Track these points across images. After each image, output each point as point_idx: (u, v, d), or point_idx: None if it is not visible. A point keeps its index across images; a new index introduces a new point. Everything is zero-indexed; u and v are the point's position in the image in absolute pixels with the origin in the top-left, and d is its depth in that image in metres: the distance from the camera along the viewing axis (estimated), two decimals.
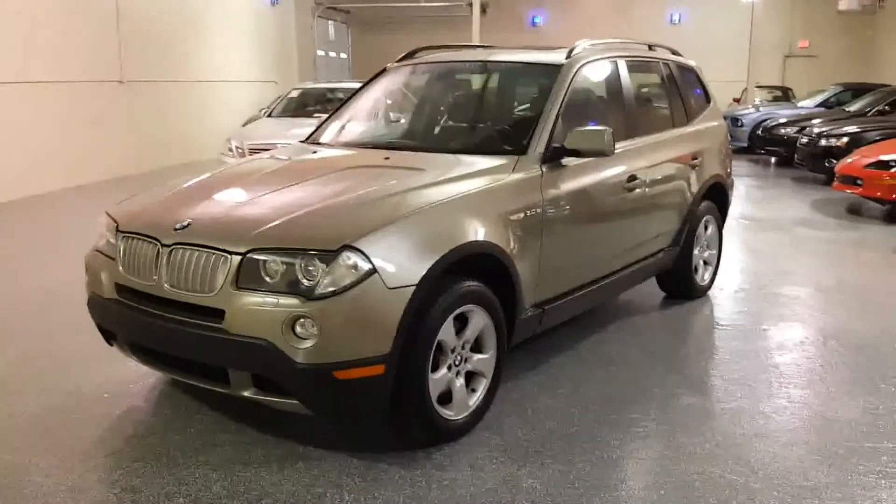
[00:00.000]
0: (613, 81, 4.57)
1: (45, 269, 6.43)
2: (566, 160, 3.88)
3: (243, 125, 13.73)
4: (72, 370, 4.15)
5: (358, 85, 11.52)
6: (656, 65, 5.20)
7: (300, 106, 10.92)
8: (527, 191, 3.64)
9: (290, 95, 11.18)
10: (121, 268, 3.30)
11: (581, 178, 3.99)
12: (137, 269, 3.22)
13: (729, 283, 5.90)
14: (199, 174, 4.03)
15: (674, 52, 5.49)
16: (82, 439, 3.38)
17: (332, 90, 11.46)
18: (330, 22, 23.53)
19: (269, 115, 10.82)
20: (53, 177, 10.68)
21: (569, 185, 3.89)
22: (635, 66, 4.81)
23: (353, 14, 24.86)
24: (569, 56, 4.25)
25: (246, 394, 3.02)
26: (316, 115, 10.37)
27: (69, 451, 3.26)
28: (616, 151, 3.90)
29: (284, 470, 3.08)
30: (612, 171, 4.24)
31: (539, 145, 3.80)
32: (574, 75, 4.14)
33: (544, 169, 3.76)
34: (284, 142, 8.64)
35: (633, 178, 4.38)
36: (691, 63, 5.60)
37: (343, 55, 24.93)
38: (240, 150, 9.10)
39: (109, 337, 3.53)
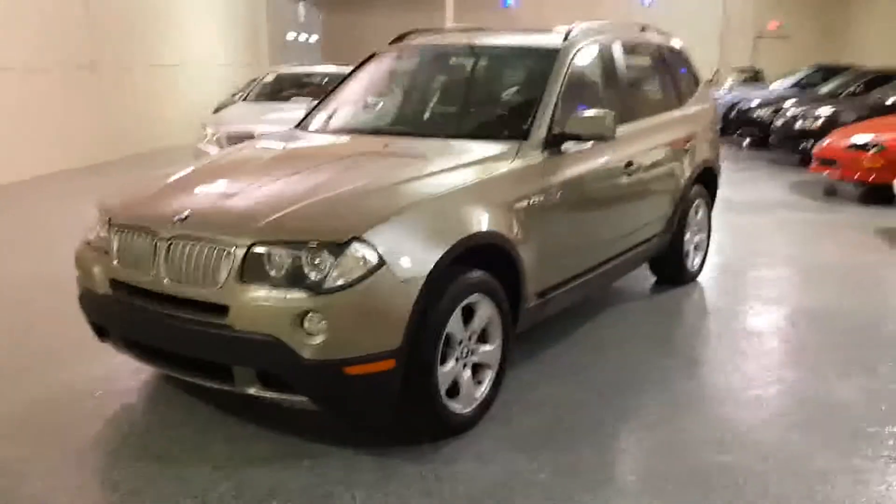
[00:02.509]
0: (610, 64, 4.51)
1: (17, 260, 6.24)
2: (566, 145, 3.83)
3: (215, 109, 13.46)
4: (57, 365, 4.03)
5: (334, 68, 11.32)
6: (648, 47, 5.16)
7: (276, 90, 10.68)
8: (530, 178, 3.59)
9: (265, 79, 10.94)
10: (115, 262, 3.19)
11: (581, 163, 3.94)
12: (134, 264, 3.12)
13: (717, 267, 5.92)
14: (179, 161, 3.90)
15: (664, 34, 5.44)
16: (77, 438, 3.27)
17: (308, 74, 11.24)
18: (300, 3, 23.19)
19: (245, 100, 10.57)
20: (26, 165, 10.39)
21: (570, 170, 3.84)
22: (630, 49, 4.76)
23: None
24: (566, 39, 4.18)
25: (251, 391, 2.94)
26: (293, 99, 10.18)
27: (65, 451, 3.16)
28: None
29: (290, 468, 3.01)
30: (611, 156, 4.19)
31: (540, 131, 3.74)
32: (572, 59, 4.08)
33: (546, 154, 3.71)
34: (263, 127, 8.46)
35: (630, 163, 4.35)
36: (680, 44, 5.56)
37: (314, 37, 24.61)
38: (216, 137, 8.88)
39: (102, 333, 3.42)
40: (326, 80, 10.58)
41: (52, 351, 4.24)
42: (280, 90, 10.69)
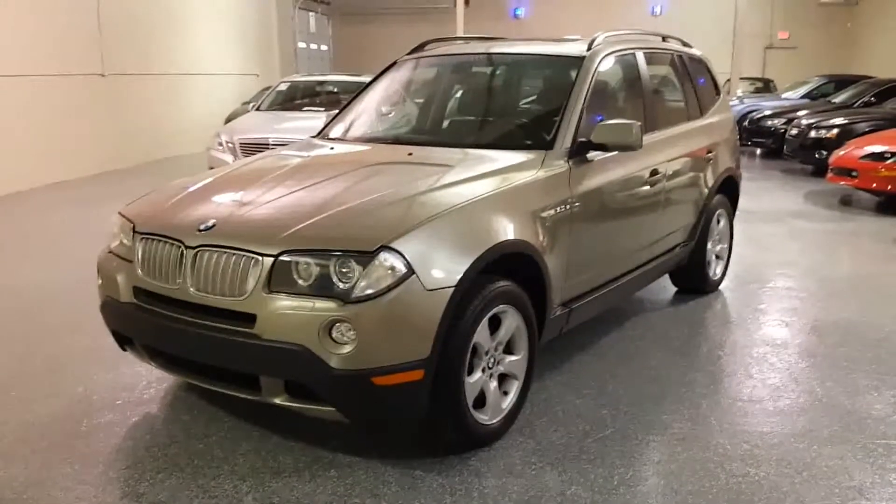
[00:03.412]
0: (633, 74, 4.48)
1: (30, 268, 6.22)
2: (591, 154, 3.79)
3: (227, 119, 13.47)
4: (75, 374, 4.00)
5: (347, 77, 11.30)
6: (670, 57, 5.12)
7: (289, 99, 10.68)
8: (555, 187, 3.55)
9: (278, 88, 10.93)
10: (140, 271, 3.16)
11: (606, 172, 3.90)
12: (159, 272, 3.08)
13: (738, 277, 5.86)
14: (191, 170, 3.89)
15: (684, 44, 5.41)
16: (99, 449, 3.24)
17: (321, 83, 11.24)
18: (311, 14, 23.25)
19: (258, 109, 10.57)
20: (37, 173, 10.42)
21: (595, 180, 3.80)
22: (652, 58, 4.72)
23: (334, 5, 24.61)
24: (590, 48, 4.15)
25: (277, 401, 2.90)
26: (306, 108, 10.19)
27: (86, 463, 3.12)
28: None
29: (317, 479, 2.97)
30: (636, 166, 4.15)
31: (565, 140, 3.70)
32: (597, 67, 4.04)
33: (571, 164, 3.67)
34: (276, 136, 8.48)
35: (654, 172, 4.31)
36: (701, 55, 5.53)
37: (324, 47, 24.67)
38: (230, 145, 8.89)
39: (124, 342, 3.39)
40: (339, 88, 10.60)
41: (68, 360, 4.21)
42: (293, 99, 10.70)
